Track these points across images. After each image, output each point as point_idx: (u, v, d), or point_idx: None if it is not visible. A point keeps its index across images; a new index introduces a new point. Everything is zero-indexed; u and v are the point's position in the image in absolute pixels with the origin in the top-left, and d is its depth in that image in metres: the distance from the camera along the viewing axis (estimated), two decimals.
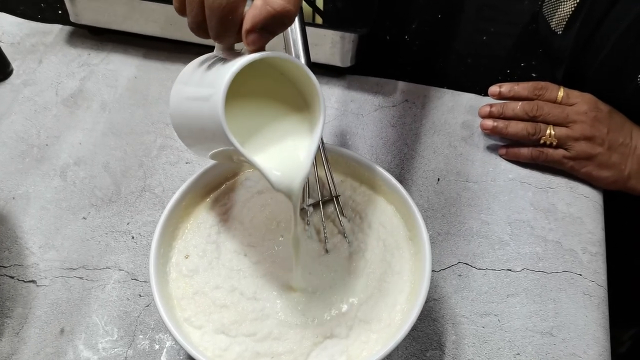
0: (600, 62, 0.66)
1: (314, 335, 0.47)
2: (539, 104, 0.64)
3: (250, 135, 0.42)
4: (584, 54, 0.68)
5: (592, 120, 0.62)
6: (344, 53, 0.70)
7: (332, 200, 0.54)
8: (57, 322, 0.55)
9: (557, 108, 0.64)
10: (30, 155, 0.67)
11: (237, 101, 0.41)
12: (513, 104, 0.65)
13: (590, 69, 0.67)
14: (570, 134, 0.62)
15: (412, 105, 0.71)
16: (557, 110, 0.63)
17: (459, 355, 0.54)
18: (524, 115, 0.64)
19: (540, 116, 0.64)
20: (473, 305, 0.57)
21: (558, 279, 0.58)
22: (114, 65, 0.75)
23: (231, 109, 0.39)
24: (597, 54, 0.66)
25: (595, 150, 0.62)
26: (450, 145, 0.68)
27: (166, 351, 0.54)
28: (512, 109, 0.65)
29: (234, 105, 0.40)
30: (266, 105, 0.43)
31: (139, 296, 0.57)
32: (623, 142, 0.62)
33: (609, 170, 0.62)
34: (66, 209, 0.63)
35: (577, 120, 0.63)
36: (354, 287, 0.50)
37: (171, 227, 0.52)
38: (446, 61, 0.77)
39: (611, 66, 0.65)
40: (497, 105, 0.66)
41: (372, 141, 0.68)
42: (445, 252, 0.60)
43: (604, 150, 0.62)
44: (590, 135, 0.62)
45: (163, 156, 0.67)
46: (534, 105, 0.64)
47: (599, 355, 0.54)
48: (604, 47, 0.65)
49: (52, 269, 0.59)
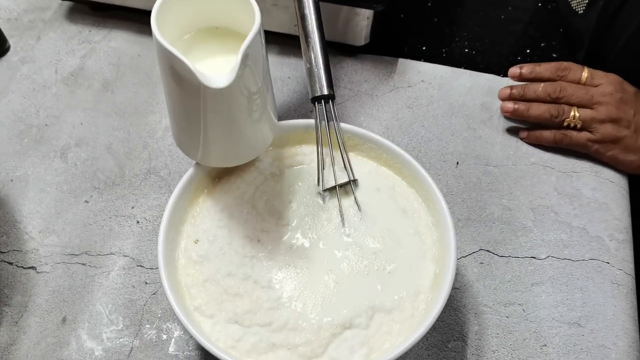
0: (623, 44, 0.63)
1: (333, 326, 0.44)
2: (562, 85, 0.61)
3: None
4: (606, 35, 0.65)
5: (618, 102, 0.59)
6: (357, 31, 0.67)
7: (349, 184, 0.51)
8: (58, 311, 0.53)
9: (581, 89, 0.61)
10: (29, 135, 0.64)
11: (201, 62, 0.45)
12: (535, 85, 0.62)
13: (611, 52, 0.64)
14: (595, 116, 0.60)
15: (428, 86, 0.68)
16: (581, 91, 0.61)
17: (482, 347, 0.51)
18: (546, 97, 0.61)
19: (564, 98, 0.61)
20: (496, 294, 0.54)
21: (585, 267, 0.55)
22: (116, 43, 0.72)
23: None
24: (619, 35, 0.63)
25: (621, 133, 0.59)
26: (469, 128, 0.65)
27: (174, 341, 0.51)
28: (533, 91, 0.62)
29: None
30: (224, 55, 0.46)
31: (145, 283, 0.54)
32: None
33: (635, 153, 0.60)
34: (67, 192, 0.60)
35: (603, 102, 0.60)
36: (374, 275, 0.47)
37: (180, 211, 0.49)
38: (463, 41, 0.73)
39: (635, 48, 0.62)
40: (518, 87, 0.63)
41: (388, 123, 0.65)
42: (466, 238, 0.57)
43: (631, 133, 0.59)
44: (616, 118, 0.59)
45: (168, 137, 0.64)
46: (556, 87, 0.61)
47: (629, 347, 0.51)
48: (627, 28, 0.62)
49: (52, 254, 0.56)
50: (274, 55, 0.70)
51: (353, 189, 0.51)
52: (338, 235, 0.49)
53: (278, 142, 0.53)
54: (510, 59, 0.71)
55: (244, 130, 0.47)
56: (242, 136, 0.47)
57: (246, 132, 0.47)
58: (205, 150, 0.48)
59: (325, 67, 0.50)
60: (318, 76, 0.50)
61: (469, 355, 0.51)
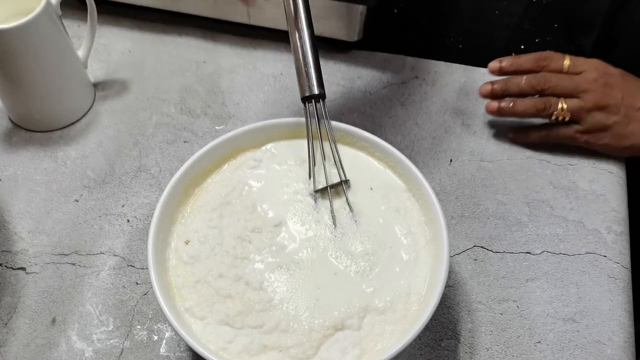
0: (636, 25, 0.61)
1: (324, 328, 0.44)
2: (545, 76, 0.59)
3: None
4: (618, 16, 0.62)
5: (604, 87, 0.57)
6: (350, 26, 0.66)
7: (341, 185, 0.50)
8: (48, 312, 0.52)
9: (565, 79, 0.59)
10: (18, 134, 0.63)
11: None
12: (517, 78, 0.60)
13: (624, 34, 0.62)
14: (582, 105, 0.58)
15: (422, 82, 0.67)
16: (566, 80, 0.58)
17: (475, 344, 0.51)
18: (530, 90, 0.59)
19: (549, 89, 0.59)
20: (490, 291, 0.53)
21: (581, 261, 0.55)
22: (106, 39, 0.71)
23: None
24: (633, 16, 0.61)
25: (610, 119, 0.57)
26: (463, 124, 0.64)
27: (165, 342, 0.51)
28: (516, 84, 0.60)
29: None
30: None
31: (136, 284, 0.54)
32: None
33: (628, 139, 0.58)
34: (57, 191, 0.59)
35: (588, 89, 0.58)
36: (366, 276, 0.46)
37: (170, 210, 0.48)
38: (457, 36, 0.73)
39: None
40: (500, 82, 0.61)
41: (381, 120, 0.64)
42: (459, 235, 0.57)
43: (620, 118, 0.57)
44: (603, 104, 0.57)
45: (159, 134, 0.63)
46: (540, 78, 0.59)
47: (625, 342, 0.51)
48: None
49: (42, 254, 0.55)
50: (267, 51, 0.69)
51: (345, 190, 0.50)
52: (330, 237, 0.48)
53: (269, 140, 0.52)
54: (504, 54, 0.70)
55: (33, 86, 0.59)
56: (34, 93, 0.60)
57: (36, 89, 0.59)
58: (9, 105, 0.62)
59: (316, 65, 0.49)
60: (308, 75, 0.49)
61: (462, 353, 0.50)
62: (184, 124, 0.64)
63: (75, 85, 0.63)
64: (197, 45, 0.70)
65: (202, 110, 0.65)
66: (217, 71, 0.68)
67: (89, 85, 0.65)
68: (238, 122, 0.64)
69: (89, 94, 0.65)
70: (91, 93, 0.65)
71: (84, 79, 0.64)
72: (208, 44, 0.70)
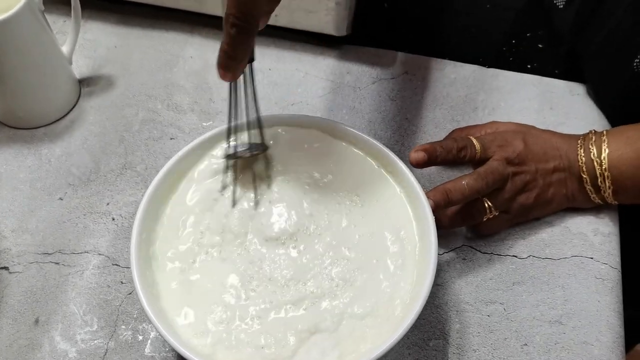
0: (600, 42, 0.60)
1: (298, 331, 0.43)
2: (486, 181, 0.52)
3: None
4: (585, 31, 0.63)
5: (517, 168, 0.53)
6: (339, 20, 0.65)
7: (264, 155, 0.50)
8: (31, 312, 0.51)
9: (479, 181, 0.52)
10: (1, 132, 0.62)
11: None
12: (459, 188, 0.51)
13: (589, 49, 0.62)
14: (504, 196, 0.53)
15: (412, 78, 0.67)
16: (480, 183, 0.51)
17: (463, 345, 0.51)
18: (475, 194, 0.52)
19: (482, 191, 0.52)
20: (478, 292, 0.53)
21: (567, 265, 0.54)
22: (92, 34, 0.70)
23: None
24: (597, 31, 0.61)
25: (531, 197, 0.54)
26: (453, 120, 0.64)
27: (150, 342, 0.50)
28: (461, 193, 0.51)
29: None
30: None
31: (121, 283, 0.53)
32: (556, 166, 0.54)
33: (551, 204, 0.55)
34: (41, 189, 0.58)
35: (500, 179, 0.52)
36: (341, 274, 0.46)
37: (155, 209, 0.48)
38: (448, 31, 0.72)
39: (611, 47, 0.59)
40: (439, 193, 0.50)
41: (370, 116, 0.64)
42: (449, 233, 0.56)
43: (540, 189, 0.54)
44: (521, 187, 0.53)
45: (145, 131, 0.62)
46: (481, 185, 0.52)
47: (613, 342, 0.51)
48: (603, 27, 0.59)
49: (25, 254, 0.54)
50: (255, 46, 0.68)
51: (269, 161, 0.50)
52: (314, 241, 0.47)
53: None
54: (496, 50, 0.70)
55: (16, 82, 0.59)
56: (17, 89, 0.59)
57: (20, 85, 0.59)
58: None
59: None
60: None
61: (450, 354, 0.50)
62: (171, 120, 0.63)
63: (60, 82, 0.62)
64: (184, 40, 0.69)
65: (189, 107, 0.64)
66: (204, 67, 0.67)
67: (74, 81, 0.64)
68: (225, 118, 0.63)
69: (73, 90, 0.64)
70: (76, 89, 0.64)
71: (69, 75, 0.63)
72: (195, 39, 0.69)
